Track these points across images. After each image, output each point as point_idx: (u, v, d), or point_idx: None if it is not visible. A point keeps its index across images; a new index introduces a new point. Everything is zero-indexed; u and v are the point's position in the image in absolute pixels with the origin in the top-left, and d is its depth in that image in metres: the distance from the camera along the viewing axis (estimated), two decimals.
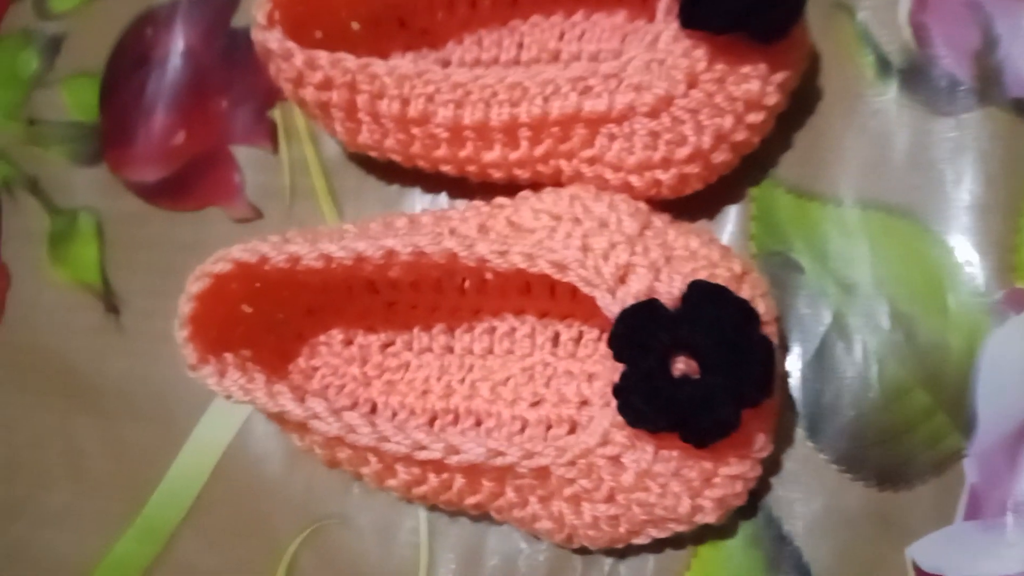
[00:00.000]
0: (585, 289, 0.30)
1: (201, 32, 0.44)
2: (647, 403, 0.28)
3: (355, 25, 0.39)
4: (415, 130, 0.34)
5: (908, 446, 0.32)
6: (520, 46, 0.38)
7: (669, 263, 0.31)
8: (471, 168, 0.35)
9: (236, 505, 0.37)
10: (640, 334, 0.28)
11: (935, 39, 0.35)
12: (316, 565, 0.36)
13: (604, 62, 0.33)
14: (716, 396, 0.27)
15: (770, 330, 0.30)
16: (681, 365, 0.28)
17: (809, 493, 0.32)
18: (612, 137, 0.33)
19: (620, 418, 0.29)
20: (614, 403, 0.29)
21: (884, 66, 0.35)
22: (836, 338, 0.33)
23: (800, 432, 0.33)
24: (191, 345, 0.31)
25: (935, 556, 0.31)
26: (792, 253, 0.35)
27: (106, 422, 0.40)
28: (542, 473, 0.30)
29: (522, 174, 0.35)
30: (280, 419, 0.32)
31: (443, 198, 0.39)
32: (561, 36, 0.38)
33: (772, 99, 0.32)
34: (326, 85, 0.34)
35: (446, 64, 0.39)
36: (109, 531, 0.38)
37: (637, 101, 0.32)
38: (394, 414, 0.35)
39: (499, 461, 0.29)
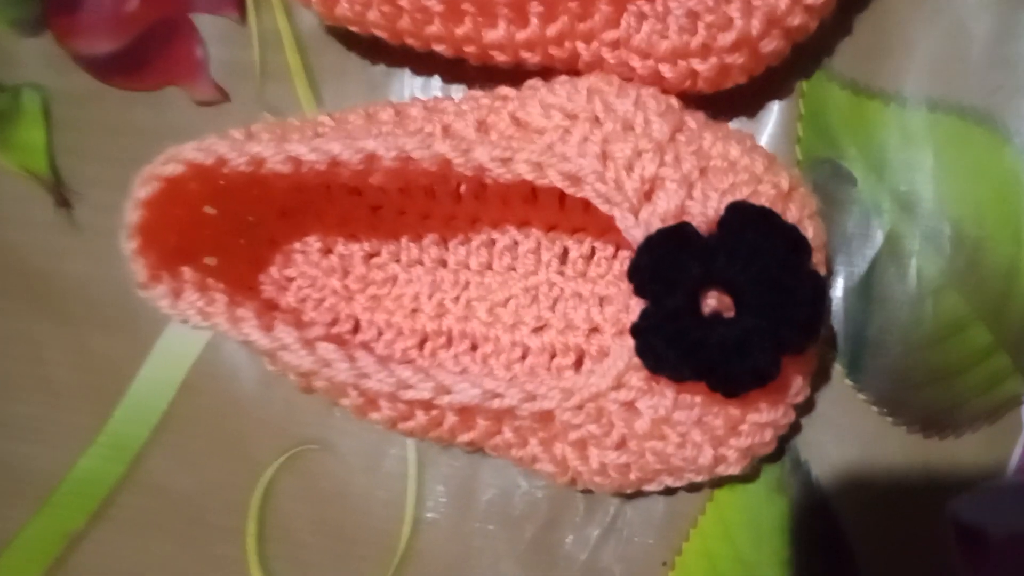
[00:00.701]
0: (603, 207, 0.25)
1: None
2: (671, 347, 0.24)
3: None
4: (403, 1, 0.29)
5: (960, 389, 0.28)
6: None
7: (704, 176, 0.26)
8: (470, 49, 0.30)
9: (207, 424, 0.34)
10: (667, 266, 0.24)
11: None
12: (296, 493, 0.33)
13: None
14: (753, 341, 0.23)
15: (818, 258, 0.26)
16: (712, 301, 0.24)
17: (843, 437, 0.29)
18: (642, 16, 0.27)
19: (636, 359, 0.25)
20: (630, 340, 0.25)
21: None
22: (888, 262, 0.29)
23: (838, 368, 0.29)
24: (141, 260, 0.27)
25: (979, 510, 0.28)
26: (844, 161, 0.30)
27: (68, 328, 0.36)
28: (545, 416, 0.26)
29: (531, 58, 0.29)
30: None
31: (436, 82, 0.33)
32: None
33: None
34: None
35: None
36: (77, 444, 0.35)
37: None
38: (379, 333, 0.32)
39: (496, 404, 0.26)
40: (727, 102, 0.30)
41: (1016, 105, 0.29)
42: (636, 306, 0.25)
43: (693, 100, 0.29)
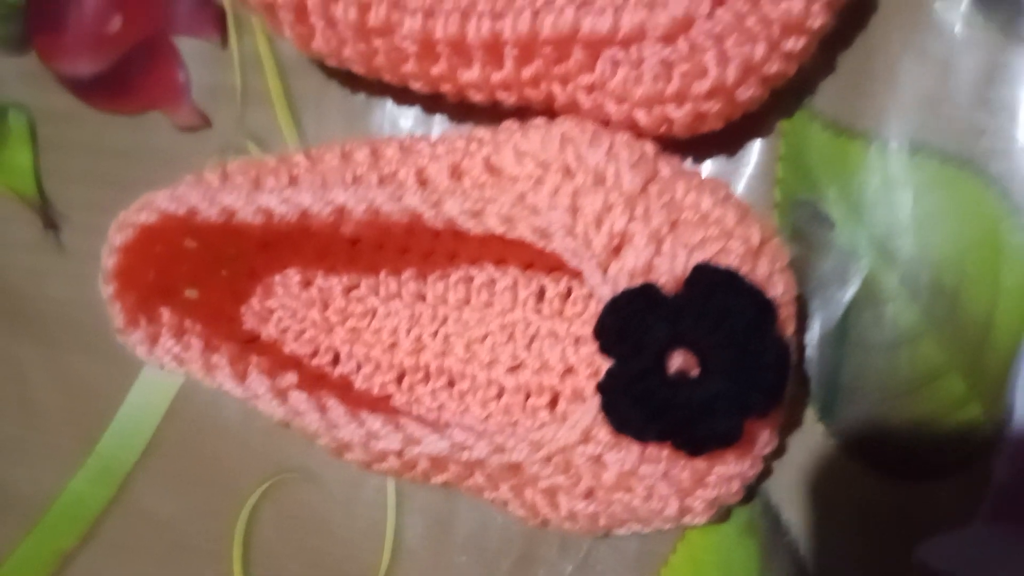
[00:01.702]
0: (572, 262, 0.25)
1: None
2: (636, 408, 0.24)
3: None
4: (377, 41, 0.28)
5: (933, 436, 0.28)
6: None
7: (674, 231, 0.26)
8: (446, 87, 0.29)
9: (192, 450, 0.34)
10: (632, 327, 0.24)
11: None
12: (278, 521, 0.33)
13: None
14: (718, 404, 0.23)
15: (787, 313, 0.26)
16: (679, 360, 0.24)
17: (814, 480, 0.29)
18: (616, 63, 0.27)
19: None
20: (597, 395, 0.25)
21: None
22: (864, 307, 0.29)
23: (811, 411, 0.29)
24: (118, 304, 0.27)
25: (948, 557, 0.28)
26: (823, 203, 0.29)
27: (51, 351, 0.36)
28: (514, 464, 0.26)
29: (507, 98, 0.29)
30: None
31: (416, 112, 0.33)
32: None
33: (818, 20, 0.26)
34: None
35: None
36: (63, 467, 0.36)
37: (649, 22, 0.25)
38: (359, 366, 0.32)
39: (465, 456, 0.26)
40: (706, 141, 0.29)
41: (999, 151, 0.28)
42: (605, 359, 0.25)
43: (671, 139, 0.28)
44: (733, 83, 0.26)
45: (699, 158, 0.30)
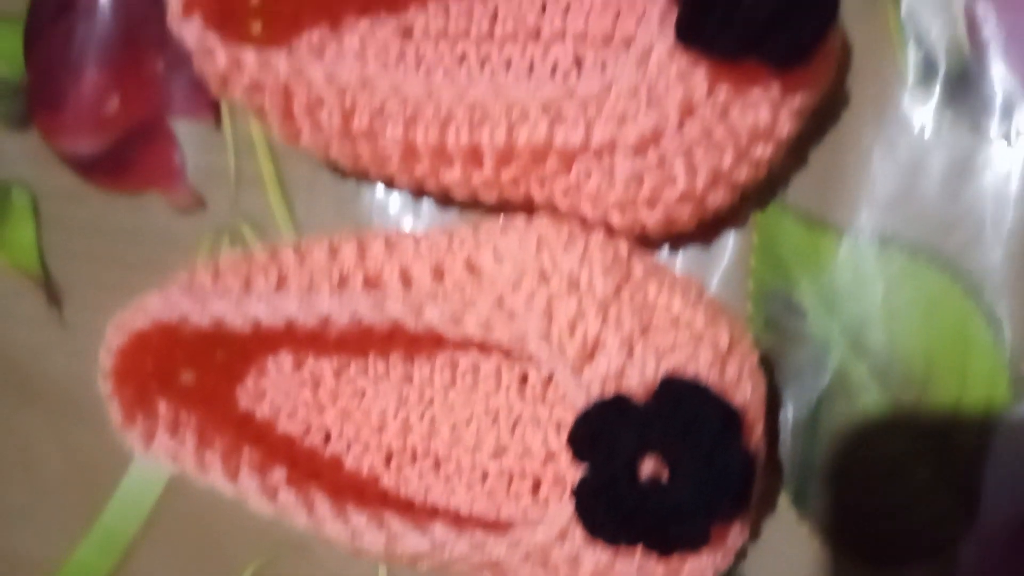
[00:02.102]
0: (545, 369, 0.26)
1: None
2: (608, 514, 0.25)
3: None
4: (362, 143, 0.29)
5: (903, 524, 0.29)
6: (494, 18, 0.32)
7: (645, 335, 0.27)
8: (429, 185, 0.30)
9: (192, 522, 0.36)
10: (604, 436, 0.25)
11: (993, 39, 0.29)
12: None
13: (582, 80, 0.27)
14: (685, 510, 0.24)
15: (755, 412, 0.27)
16: (650, 465, 0.25)
17: (787, 565, 0.30)
18: (590, 170, 0.28)
19: None
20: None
21: (927, 67, 0.29)
22: (837, 396, 0.30)
23: (785, 497, 0.30)
24: (116, 401, 0.29)
25: None
26: (796, 294, 0.30)
27: (55, 422, 0.38)
28: (494, 560, 0.28)
29: (488, 196, 0.30)
30: None
31: (404, 196, 0.34)
32: (543, 9, 0.32)
33: (785, 129, 0.27)
34: (256, 88, 0.29)
35: (408, 33, 0.33)
36: (69, 533, 0.37)
37: (619, 135, 0.26)
38: (349, 446, 0.33)
39: (446, 554, 0.27)
40: (682, 231, 0.30)
41: (968, 245, 0.29)
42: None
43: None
44: (703, 191, 0.27)
45: (675, 248, 0.31)
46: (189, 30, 0.28)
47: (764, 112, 0.26)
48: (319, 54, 0.33)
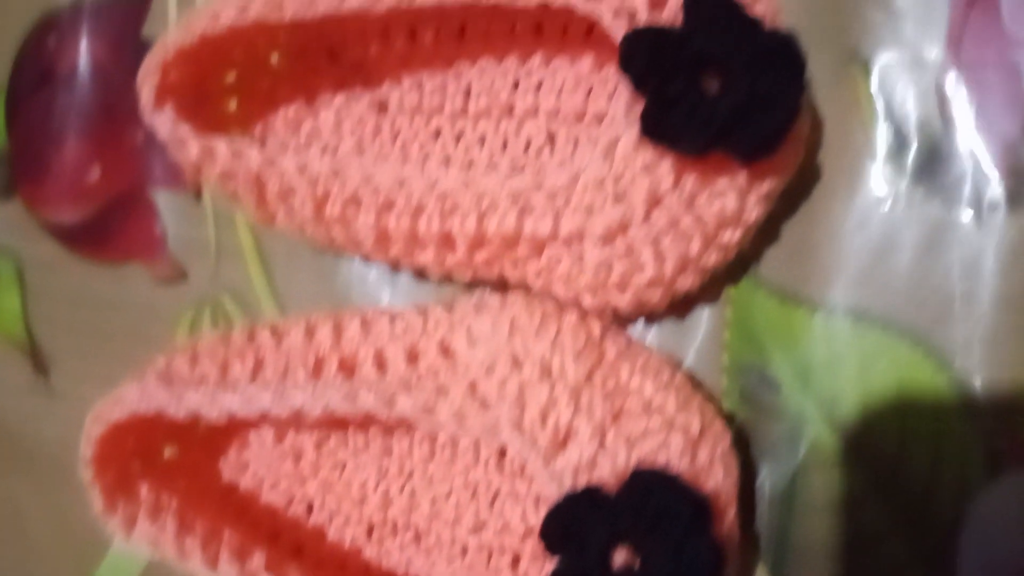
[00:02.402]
0: (518, 457, 0.27)
1: (108, 43, 0.38)
2: None
3: (275, 58, 0.33)
4: (336, 228, 0.30)
5: None
6: (467, 94, 0.32)
7: (617, 422, 0.27)
8: (404, 264, 0.31)
9: None
10: (575, 530, 0.25)
11: (964, 115, 0.29)
12: None
13: (550, 173, 0.27)
14: None
15: (727, 496, 0.27)
16: (622, 554, 0.25)
17: None
18: (560, 256, 0.28)
19: None
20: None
21: (899, 141, 0.29)
22: (812, 470, 0.30)
23: (762, 570, 0.30)
24: (97, 488, 0.29)
25: None
26: (770, 368, 0.30)
27: (45, 488, 0.38)
28: None
29: (462, 275, 0.30)
30: None
31: (382, 267, 0.34)
32: (515, 86, 0.32)
33: (753, 214, 0.27)
34: (229, 176, 0.29)
35: (383, 108, 0.33)
36: None
37: (587, 226, 0.27)
38: (331, 518, 0.33)
39: None
40: None
41: (941, 319, 0.29)
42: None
43: None
44: (671, 276, 0.27)
45: (650, 322, 0.31)
46: (161, 121, 0.29)
47: (731, 200, 0.26)
48: (295, 129, 0.33)
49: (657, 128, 0.25)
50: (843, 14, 0.30)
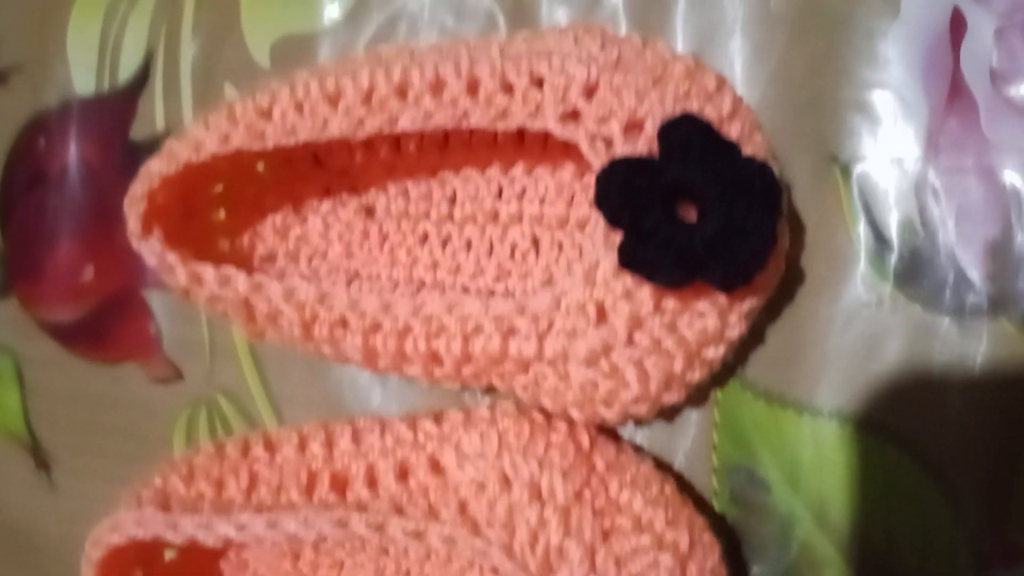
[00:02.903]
0: None
1: (97, 144, 0.38)
2: None
3: (261, 166, 0.33)
4: (324, 346, 0.30)
5: None
6: (453, 201, 0.33)
7: (607, 542, 0.27)
8: (394, 374, 0.31)
9: None
10: None
11: (944, 218, 0.29)
12: None
13: (533, 296, 0.27)
14: None
15: None
16: None
17: None
18: (546, 374, 0.28)
19: None
20: None
21: (880, 245, 0.29)
22: (802, 569, 0.30)
23: None
24: None
25: None
26: (759, 469, 0.31)
27: None
28: None
29: (451, 385, 0.30)
30: None
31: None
32: (499, 193, 0.32)
33: (735, 331, 0.27)
34: (218, 300, 0.29)
35: (371, 212, 0.34)
36: None
37: (570, 349, 0.27)
38: None
39: None
40: None
41: (927, 422, 0.29)
42: None
43: None
44: (656, 393, 0.28)
45: (639, 426, 0.31)
46: (148, 250, 0.29)
47: (712, 320, 0.27)
48: (283, 236, 0.34)
49: (633, 261, 0.25)
50: (823, 118, 0.30)
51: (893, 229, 0.29)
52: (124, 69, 0.37)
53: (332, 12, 0.34)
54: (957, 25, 0.28)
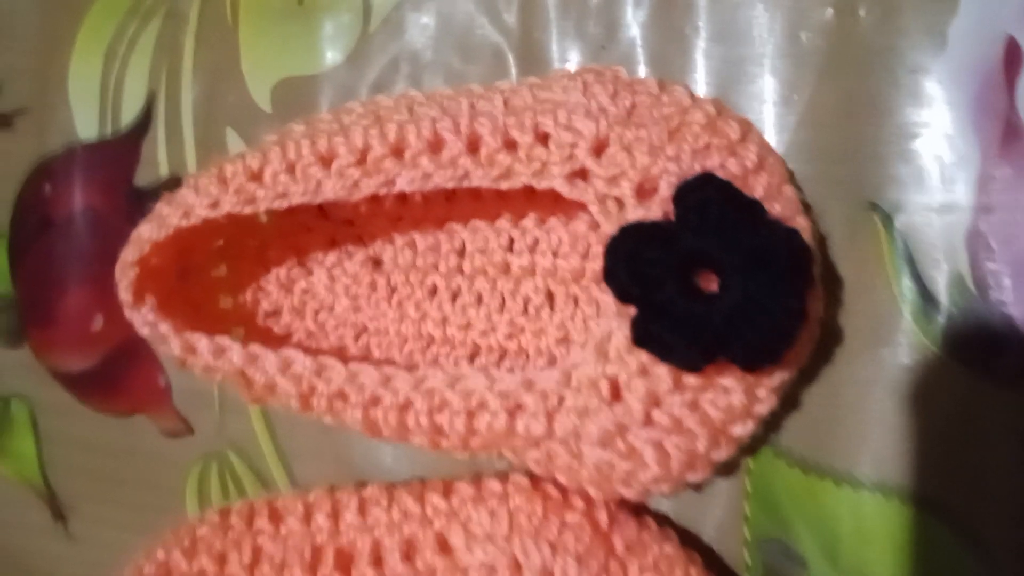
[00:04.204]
0: None
1: (102, 190, 0.37)
2: None
3: (263, 217, 0.32)
4: (325, 416, 0.28)
5: None
6: (461, 253, 0.31)
7: None
8: (399, 441, 0.29)
9: None
10: None
11: (1001, 275, 0.26)
12: None
13: (542, 372, 0.25)
14: None
15: None
16: None
17: None
18: (557, 452, 0.26)
19: None
20: None
21: (927, 303, 0.27)
22: None
23: None
24: None
25: None
26: (794, 542, 0.28)
27: None
28: None
29: (459, 455, 0.29)
30: None
31: None
32: (511, 245, 0.30)
33: (765, 407, 0.25)
34: (213, 370, 0.28)
35: (377, 264, 0.32)
36: None
37: (582, 428, 0.25)
38: None
39: None
40: None
41: (969, 495, 0.26)
42: None
43: None
44: (679, 473, 0.25)
45: (664, 496, 0.29)
46: (140, 319, 0.28)
47: (738, 396, 0.24)
48: (288, 290, 0.32)
49: (647, 339, 0.23)
50: (861, 163, 0.27)
51: (941, 286, 0.26)
52: (126, 113, 0.36)
53: (333, 54, 0.32)
54: (1012, 58, 0.25)
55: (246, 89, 0.34)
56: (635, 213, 0.24)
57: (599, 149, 0.25)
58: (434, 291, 0.31)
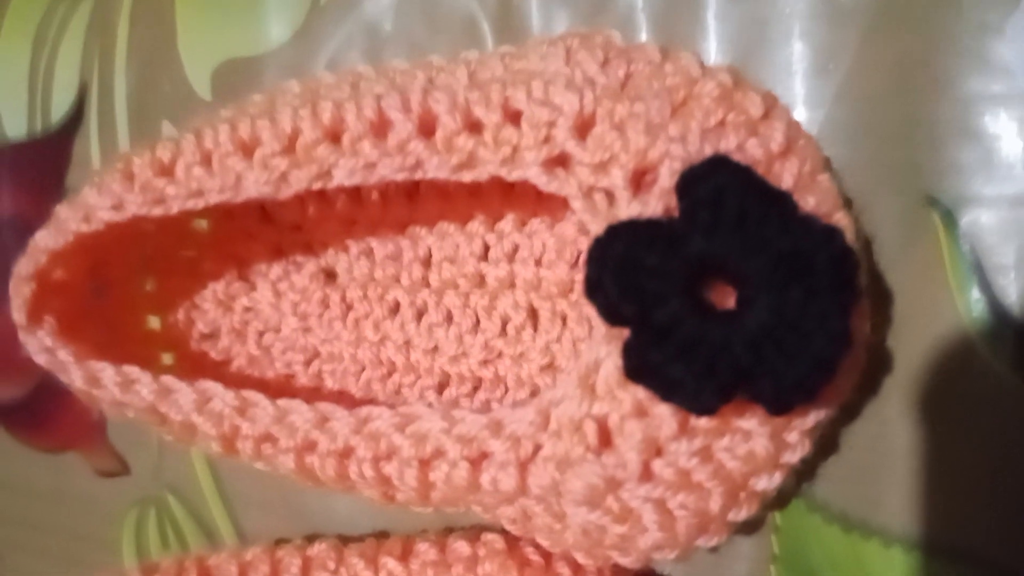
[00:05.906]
0: None
1: (31, 193, 0.33)
2: None
3: (201, 223, 0.27)
4: (256, 463, 0.23)
5: None
6: (427, 263, 0.26)
7: None
8: (344, 493, 0.24)
9: None
10: None
11: None
12: None
13: (512, 411, 0.20)
14: None
15: None
16: None
17: None
18: (535, 511, 0.21)
19: None
20: None
21: (997, 319, 0.21)
22: None
23: None
24: None
25: None
26: None
27: None
28: None
29: (422, 510, 0.24)
30: None
31: None
32: (485, 253, 0.25)
33: (796, 455, 0.20)
34: (123, 406, 0.23)
35: (330, 276, 0.27)
36: None
37: (563, 484, 0.20)
38: None
39: None
40: None
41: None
42: None
43: None
44: (686, 539, 0.20)
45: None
46: (35, 345, 0.23)
47: (762, 442, 0.19)
48: (227, 309, 0.27)
49: (643, 372, 0.17)
50: (915, 146, 0.22)
51: (1015, 299, 0.21)
52: (57, 108, 0.32)
53: (280, 29, 0.28)
54: None
55: (183, 74, 0.29)
56: (629, 209, 0.19)
57: (584, 129, 0.20)
58: (396, 309, 0.26)
